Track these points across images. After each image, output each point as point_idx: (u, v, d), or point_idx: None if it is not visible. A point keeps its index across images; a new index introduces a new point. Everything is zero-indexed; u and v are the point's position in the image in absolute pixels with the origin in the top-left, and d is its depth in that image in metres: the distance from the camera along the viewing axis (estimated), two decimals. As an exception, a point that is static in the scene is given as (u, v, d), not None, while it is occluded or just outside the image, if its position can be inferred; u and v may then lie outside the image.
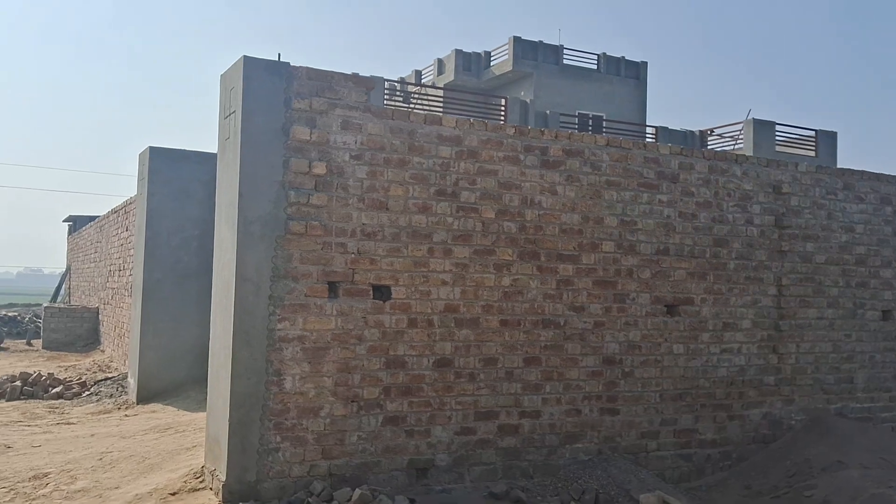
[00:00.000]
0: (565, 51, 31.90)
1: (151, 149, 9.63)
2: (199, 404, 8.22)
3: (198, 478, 5.42)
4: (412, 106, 26.24)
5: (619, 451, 6.37)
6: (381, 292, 5.51)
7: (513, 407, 5.97)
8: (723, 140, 29.95)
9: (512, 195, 6.01)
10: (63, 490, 5.48)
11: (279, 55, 5.57)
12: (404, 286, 5.58)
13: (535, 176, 6.12)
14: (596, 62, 32.42)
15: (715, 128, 30.76)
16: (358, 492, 4.91)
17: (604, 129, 28.25)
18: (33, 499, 5.35)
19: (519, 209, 6.03)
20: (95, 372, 12.08)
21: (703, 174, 6.90)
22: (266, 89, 5.25)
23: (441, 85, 30.81)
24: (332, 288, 5.35)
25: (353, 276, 5.41)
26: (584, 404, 6.28)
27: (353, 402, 5.37)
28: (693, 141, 30.28)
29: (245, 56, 5.24)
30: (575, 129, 26.04)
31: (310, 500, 4.96)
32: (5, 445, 6.95)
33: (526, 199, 6.07)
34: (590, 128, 29.60)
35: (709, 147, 29.44)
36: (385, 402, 5.48)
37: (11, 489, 5.57)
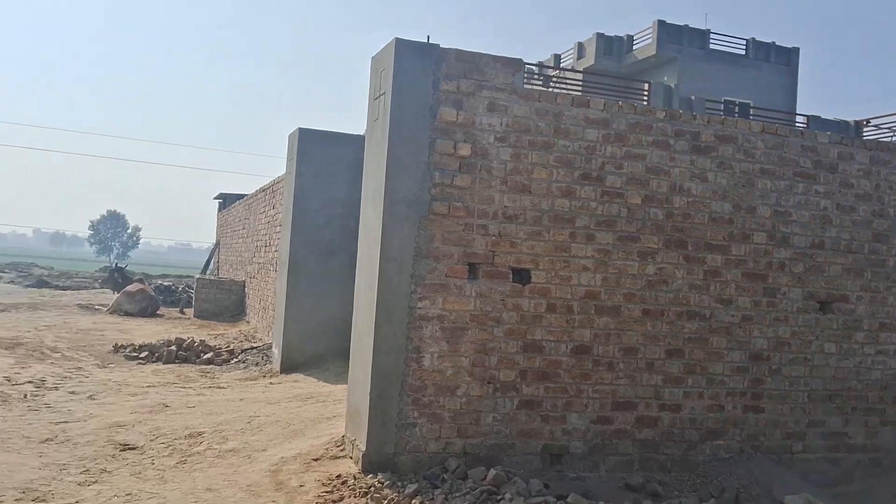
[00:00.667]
0: (712, 35, 30.70)
1: (301, 130, 10.00)
2: (338, 377, 8.51)
3: (338, 446, 5.61)
4: (548, 89, 25.96)
5: (761, 451, 6.11)
6: (521, 276, 5.50)
7: (652, 399, 5.84)
8: (879, 131, 28.00)
9: (660, 181, 5.84)
10: (215, 449, 5.82)
11: (428, 37, 5.64)
12: (544, 270, 5.54)
13: (685, 162, 5.92)
14: (744, 47, 31.03)
15: (872, 118, 28.80)
16: (493, 472, 4.94)
17: (751, 117, 27.01)
18: (189, 455, 5.71)
19: (666, 195, 5.86)
20: (242, 341, 12.73)
21: (864, 165, 6.47)
22: (415, 71, 5.31)
23: (581, 69, 30.34)
24: (472, 269, 5.38)
25: (494, 259, 5.42)
26: (727, 400, 6.05)
27: (489, 383, 5.40)
28: (848, 132, 28.48)
29: (397, 38, 5.33)
30: (720, 115, 25.05)
31: (445, 476, 5.03)
32: (164, 404, 7.45)
33: (674, 185, 5.88)
34: (735, 114, 28.36)
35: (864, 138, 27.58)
36: (521, 386, 5.48)
37: (170, 445, 5.96)
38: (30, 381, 8.50)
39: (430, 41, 5.51)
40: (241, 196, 21.19)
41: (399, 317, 5.24)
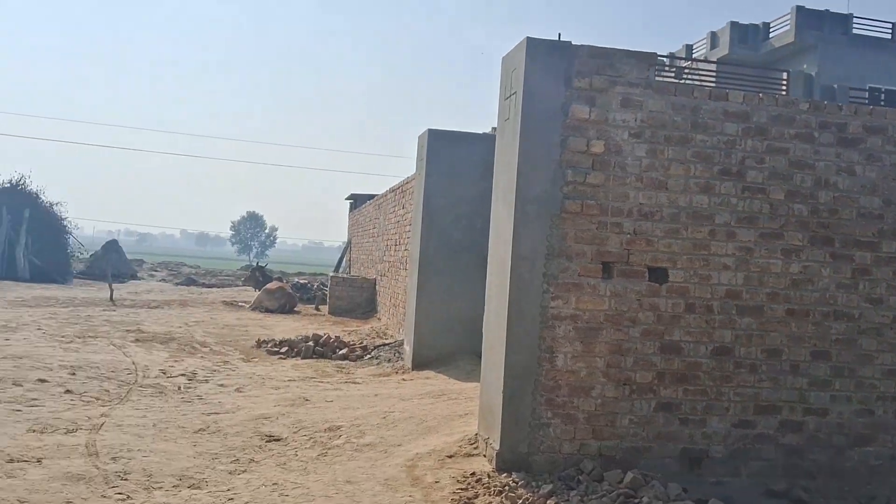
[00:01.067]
0: (854, 19, 28.92)
1: (430, 131, 10.15)
2: (469, 374, 8.59)
3: (472, 444, 5.67)
4: (683, 82, 25.19)
5: (919, 461, 5.72)
6: (658, 274, 5.37)
7: (797, 402, 5.58)
8: None
9: (804, 175, 5.57)
10: (353, 443, 6.01)
11: (559, 35, 5.60)
12: (682, 269, 5.40)
13: (831, 155, 5.62)
14: (890, 31, 29.03)
15: None
16: (630, 475, 4.87)
17: (902, 103, 25.24)
18: (329, 448, 5.92)
19: (811, 190, 5.58)
20: (374, 338, 13.07)
21: None
22: (547, 69, 5.29)
23: (714, 59, 29.29)
24: (607, 268, 5.31)
25: (629, 257, 5.33)
26: (877, 405, 5.71)
27: (624, 384, 5.31)
28: None
29: (528, 37, 5.33)
30: (865, 103, 23.54)
31: (580, 477, 4.99)
32: (304, 398, 7.75)
33: (819, 179, 5.60)
34: (882, 103, 26.60)
35: None
36: (658, 388, 5.36)
37: (311, 438, 6.21)
38: (183, 374, 9.06)
39: (561, 38, 5.48)
40: (371, 196, 21.75)
41: (531, 316, 5.24)
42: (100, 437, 5.97)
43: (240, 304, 19.93)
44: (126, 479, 5.01)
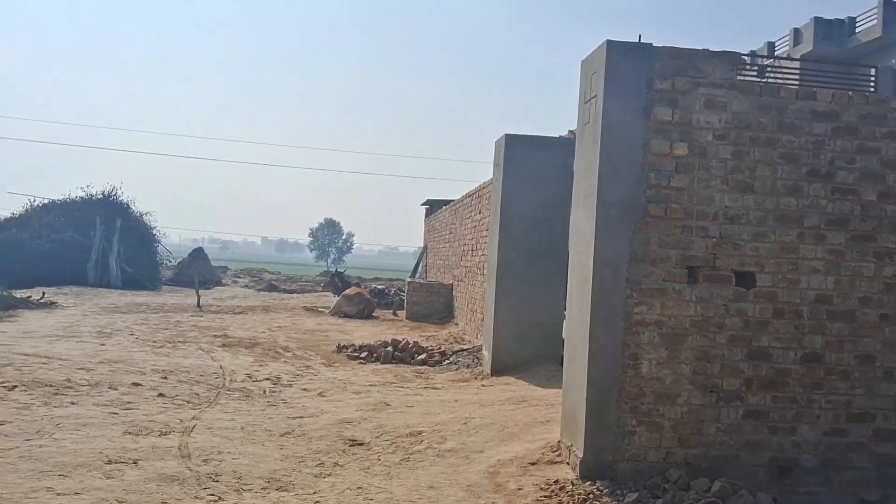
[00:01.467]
0: (948, 10, 27.67)
1: (507, 136, 10.16)
2: (549, 380, 8.54)
3: (554, 451, 5.65)
4: (766, 81, 24.54)
5: None
6: (745, 279, 5.25)
7: (891, 410, 5.38)
8: None
9: (898, 175, 5.37)
10: (435, 448, 6.05)
11: (639, 36, 5.54)
12: (770, 273, 5.26)
13: (928, 153, 5.39)
14: None
15: None
16: (717, 484, 4.77)
17: None
18: (411, 453, 5.98)
19: (907, 191, 5.37)
20: (452, 343, 13.14)
21: None
22: (627, 72, 5.24)
23: (797, 56, 28.43)
24: (692, 273, 5.22)
25: (715, 262, 5.23)
26: (980, 414, 5.45)
27: (711, 391, 5.21)
28: None
29: (608, 40, 5.29)
30: (964, 97, 22.44)
31: (666, 486, 4.92)
32: (385, 403, 7.85)
33: (916, 179, 5.38)
34: (982, 95, 25.31)
35: None
36: (746, 395, 5.24)
37: (393, 442, 6.28)
38: (267, 378, 9.29)
39: (642, 40, 5.42)
40: (447, 202, 21.86)
41: (615, 322, 5.19)
42: (191, 439, 6.18)
43: (320, 309, 20.30)
44: (217, 481, 5.17)
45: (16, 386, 7.85)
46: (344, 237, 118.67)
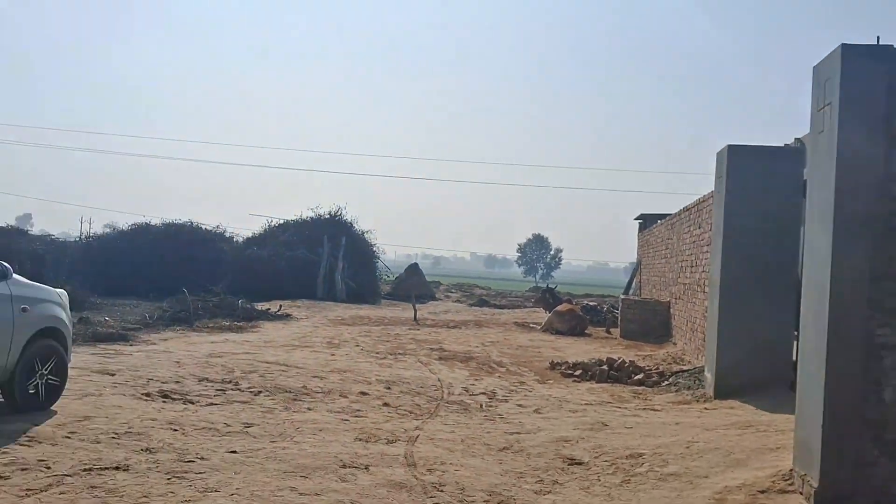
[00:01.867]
0: None
1: (729, 147, 9.72)
2: (778, 405, 8.05)
3: (786, 480, 5.32)
4: None
5: None
6: None
7: None
8: None
9: None
10: (657, 471, 5.91)
11: (878, 38, 5.14)
12: None
13: None
14: None
15: None
16: (983, 529, 4.27)
17: None
18: (632, 475, 5.88)
19: None
20: (670, 363, 12.73)
21: None
22: (865, 77, 4.90)
23: None
24: (946, 293, 4.74)
25: (975, 281, 4.71)
26: None
27: (972, 424, 4.68)
28: None
29: (843, 44, 4.96)
30: None
31: (918, 526, 4.48)
32: (602, 423, 7.76)
33: None
34: None
35: None
36: None
37: (612, 463, 6.20)
38: (483, 393, 9.52)
39: (881, 42, 5.03)
40: (661, 216, 21.25)
41: (854, 345, 4.84)
42: (416, 448, 6.47)
43: (531, 325, 20.45)
44: (441, 491, 5.37)
45: (260, 391, 8.63)
46: (552, 252, 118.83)
